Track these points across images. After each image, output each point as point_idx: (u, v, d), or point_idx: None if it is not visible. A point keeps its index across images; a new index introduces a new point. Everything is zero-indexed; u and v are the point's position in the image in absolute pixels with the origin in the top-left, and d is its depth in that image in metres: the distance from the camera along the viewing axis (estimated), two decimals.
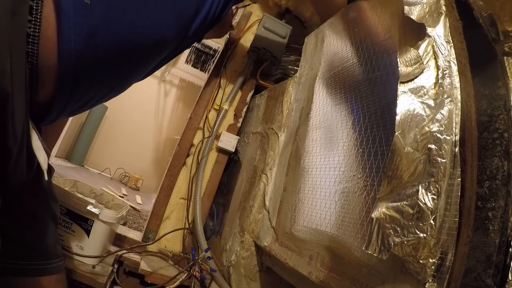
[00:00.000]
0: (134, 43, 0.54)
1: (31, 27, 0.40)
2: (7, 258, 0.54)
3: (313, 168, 0.79)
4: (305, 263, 0.68)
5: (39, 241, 0.59)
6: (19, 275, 0.56)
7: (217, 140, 1.36)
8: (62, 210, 0.89)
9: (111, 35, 0.49)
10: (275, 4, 1.52)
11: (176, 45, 0.67)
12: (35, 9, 0.40)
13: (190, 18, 0.65)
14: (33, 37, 0.41)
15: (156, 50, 0.63)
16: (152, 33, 0.57)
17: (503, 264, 0.53)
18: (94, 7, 0.45)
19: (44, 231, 0.60)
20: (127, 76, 0.63)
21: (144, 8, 0.54)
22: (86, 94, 0.55)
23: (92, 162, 3.91)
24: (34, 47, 0.42)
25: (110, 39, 0.49)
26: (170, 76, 4.31)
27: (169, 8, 0.59)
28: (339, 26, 0.94)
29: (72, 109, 0.57)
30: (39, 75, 0.44)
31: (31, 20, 0.40)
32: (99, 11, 0.46)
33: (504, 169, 0.59)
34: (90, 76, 0.51)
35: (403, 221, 0.43)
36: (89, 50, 0.47)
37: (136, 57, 0.59)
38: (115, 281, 0.94)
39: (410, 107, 0.51)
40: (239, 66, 1.48)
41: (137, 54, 0.58)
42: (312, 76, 0.99)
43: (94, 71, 0.51)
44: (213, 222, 1.36)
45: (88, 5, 0.44)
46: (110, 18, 0.48)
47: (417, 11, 0.56)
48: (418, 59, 0.52)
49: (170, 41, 0.64)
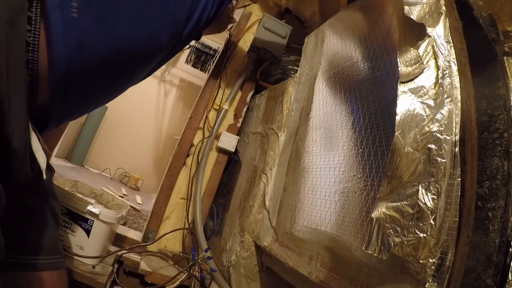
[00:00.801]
0: (124, 53, 0.55)
1: (31, 36, 0.43)
2: (9, 252, 0.55)
3: (313, 168, 0.79)
4: (305, 263, 0.68)
5: (40, 237, 0.61)
6: (20, 269, 0.57)
7: (217, 140, 1.36)
8: (62, 210, 0.89)
9: (99, 46, 0.51)
10: (275, 4, 1.52)
11: (170, 49, 0.68)
12: (34, 20, 0.43)
13: (182, 22, 0.65)
14: (33, 46, 0.44)
15: (148, 57, 0.63)
16: (142, 42, 0.58)
17: (503, 264, 0.53)
18: (81, 20, 0.47)
19: (45, 228, 0.62)
20: (121, 83, 0.64)
21: (133, 17, 0.55)
22: (81, 101, 0.58)
23: (92, 162, 3.91)
24: (35, 54, 0.44)
25: (98, 50, 0.51)
26: (170, 76, 4.31)
27: (159, 16, 0.59)
28: (339, 26, 0.94)
29: (72, 114, 0.59)
30: (39, 81, 0.46)
31: (31, 30, 0.43)
32: (86, 23, 0.48)
33: (504, 169, 0.59)
34: (81, 85, 0.53)
35: (403, 221, 0.43)
36: (78, 62, 0.49)
37: (127, 66, 0.59)
38: (115, 281, 0.94)
39: (410, 107, 0.51)
40: (239, 66, 1.48)
41: (128, 63, 0.59)
42: (312, 76, 0.99)
43: (85, 81, 0.53)
44: (213, 222, 1.36)
45: (75, 18, 0.47)
46: (97, 30, 0.50)
47: (417, 11, 0.56)
48: (418, 59, 0.52)
49: (163, 47, 0.64)
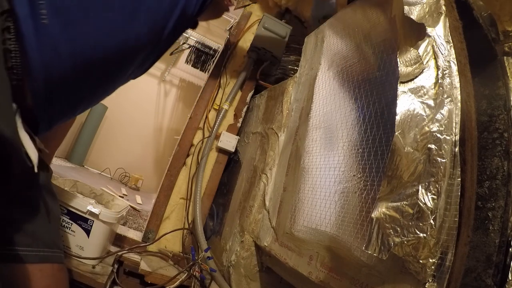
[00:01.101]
0: (99, 54, 0.56)
1: (12, 44, 0.46)
2: (8, 245, 0.56)
3: (313, 168, 0.79)
4: (305, 263, 0.68)
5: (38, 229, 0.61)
6: (19, 261, 0.58)
7: (217, 140, 1.36)
8: (62, 210, 0.89)
9: (72, 50, 0.52)
10: (275, 4, 1.52)
11: (153, 47, 0.66)
12: (13, 28, 0.45)
13: (163, 16, 0.64)
14: (15, 52, 0.46)
15: (127, 56, 0.62)
16: (116, 42, 0.57)
17: (503, 264, 0.53)
18: (51, 26, 0.48)
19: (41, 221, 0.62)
20: (104, 84, 0.64)
21: (105, 19, 0.55)
22: (65, 104, 0.58)
23: (92, 162, 3.91)
24: (18, 60, 0.46)
25: (72, 53, 0.52)
26: (170, 76, 4.31)
27: (134, 14, 0.58)
28: (339, 26, 0.94)
29: (59, 117, 0.60)
30: (23, 85, 0.48)
31: (11, 38, 0.45)
32: (57, 28, 0.49)
33: (504, 169, 0.59)
34: (62, 88, 0.54)
35: (403, 221, 0.43)
36: (54, 66, 0.50)
37: (105, 67, 0.59)
38: (115, 281, 0.94)
39: (410, 107, 0.51)
40: (239, 66, 1.48)
41: (106, 64, 0.59)
42: (312, 76, 0.99)
43: (65, 84, 0.54)
44: (213, 222, 1.36)
45: (45, 25, 0.48)
46: (69, 34, 0.51)
47: (417, 11, 0.56)
48: (418, 59, 0.52)
49: (142, 45, 0.63)
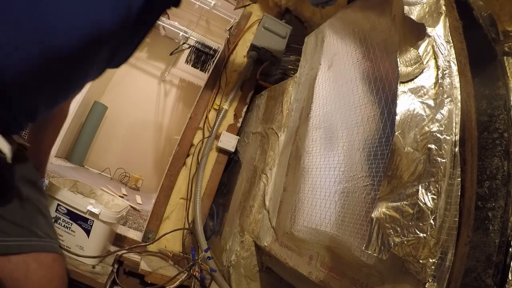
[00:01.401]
0: (57, 46, 0.53)
1: None
2: None
3: (313, 168, 0.79)
4: (305, 263, 0.68)
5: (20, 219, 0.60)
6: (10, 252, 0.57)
7: (217, 140, 1.36)
8: (62, 210, 0.89)
9: (25, 45, 0.50)
10: (275, 4, 1.52)
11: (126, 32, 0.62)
12: None
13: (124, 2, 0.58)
14: None
15: (90, 47, 0.57)
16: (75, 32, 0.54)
17: (503, 264, 0.53)
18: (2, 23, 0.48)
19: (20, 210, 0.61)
20: (69, 77, 0.61)
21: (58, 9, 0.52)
22: (31, 100, 0.57)
23: (92, 162, 3.91)
24: None
25: (27, 49, 0.51)
26: (170, 76, 4.30)
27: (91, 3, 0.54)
28: (339, 26, 0.94)
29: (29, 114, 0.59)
30: None
31: None
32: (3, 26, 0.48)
33: (504, 169, 0.59)
34: (24, 85, 0.54)
35: (403, 221, 0.43)
36: (8, 64, 0.50)
37: (68, 59, 0.56)
38: (115, 281, 0.94)
39: (410, 107, 0.51)
40: (239, 66, 1.48)
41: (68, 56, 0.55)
42: (312, 76, 0.99)
43: (25, 81, 0.53)
44: (213, 222, 1.36)
45: None
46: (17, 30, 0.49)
47: (417, 11, 0.56)
48: (418, 59, 0.52)
49: (108, 33, 0.58)
